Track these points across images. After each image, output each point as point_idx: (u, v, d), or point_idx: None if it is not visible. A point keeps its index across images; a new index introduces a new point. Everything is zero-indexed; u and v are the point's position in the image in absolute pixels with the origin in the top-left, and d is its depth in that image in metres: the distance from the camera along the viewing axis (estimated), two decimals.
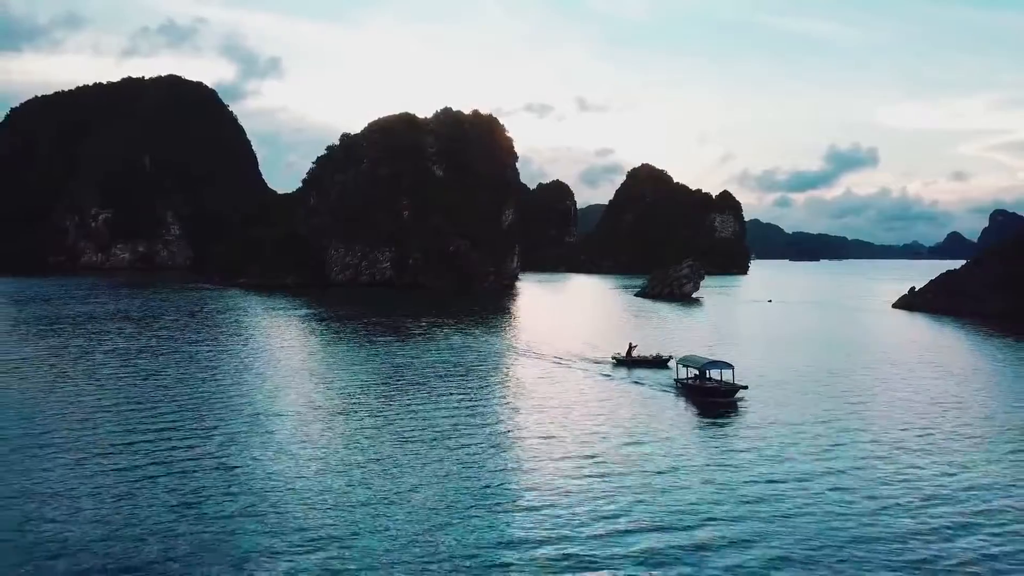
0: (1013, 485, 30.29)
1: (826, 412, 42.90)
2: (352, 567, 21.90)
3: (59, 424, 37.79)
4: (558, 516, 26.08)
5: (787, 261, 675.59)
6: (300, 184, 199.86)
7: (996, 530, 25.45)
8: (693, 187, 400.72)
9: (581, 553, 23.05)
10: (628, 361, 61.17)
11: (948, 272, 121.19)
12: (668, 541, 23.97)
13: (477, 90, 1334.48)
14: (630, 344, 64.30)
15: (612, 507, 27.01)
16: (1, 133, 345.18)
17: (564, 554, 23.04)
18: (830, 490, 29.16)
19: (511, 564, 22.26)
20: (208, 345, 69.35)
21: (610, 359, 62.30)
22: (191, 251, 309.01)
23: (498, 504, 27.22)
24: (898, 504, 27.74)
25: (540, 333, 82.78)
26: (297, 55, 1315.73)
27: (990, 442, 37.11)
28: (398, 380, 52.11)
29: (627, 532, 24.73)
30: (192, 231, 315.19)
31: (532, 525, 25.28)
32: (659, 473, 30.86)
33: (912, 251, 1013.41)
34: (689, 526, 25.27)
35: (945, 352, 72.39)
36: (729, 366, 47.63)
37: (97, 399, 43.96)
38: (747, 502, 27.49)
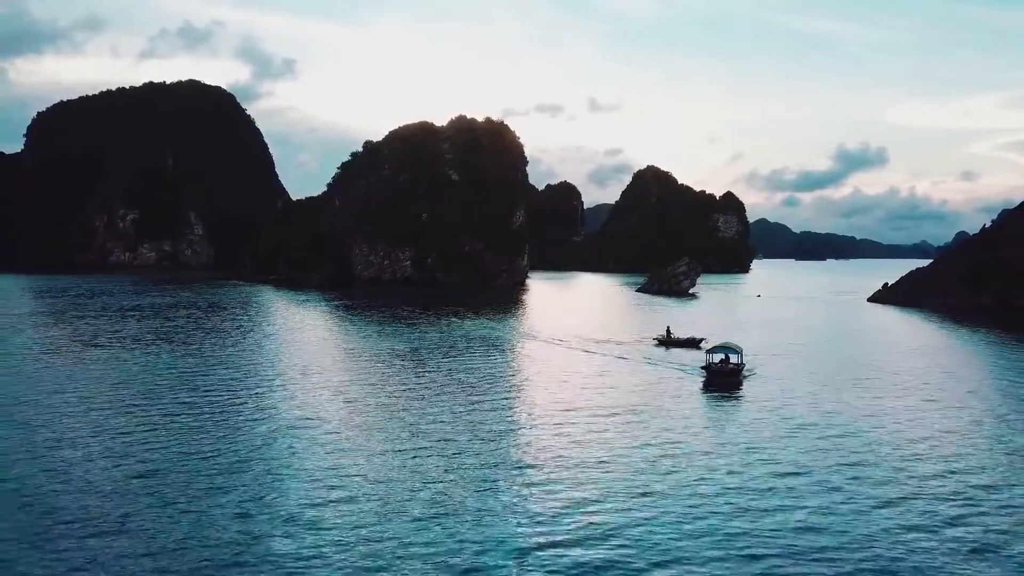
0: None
1: (799, 378, 55.89)
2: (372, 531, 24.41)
3: (161, 390, 51.23)
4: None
5: (793, 260, 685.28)
6: (311, 183, 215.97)
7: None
8: (703, 186, 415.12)
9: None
10: (667, 342, 73.07)
11: (917, 269, 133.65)
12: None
13: (489, 91, 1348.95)
14: (668, 328, 76.99)
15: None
16: (28, 136, 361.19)
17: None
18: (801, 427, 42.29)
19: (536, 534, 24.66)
20: (274, 327, 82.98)
21: (651, 340, 74.49)
22: (213, 250, 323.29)
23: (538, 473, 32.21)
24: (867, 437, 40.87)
25: (556, 322, 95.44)
26: (310, 56, 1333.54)
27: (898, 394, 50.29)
28: (429, 355, 65.37)
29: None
30: (213, 231, 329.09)
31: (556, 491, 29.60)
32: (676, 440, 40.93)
33: (920, 251, 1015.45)
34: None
35: (887, 334, 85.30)
36: (738, 351, 57.09)
37: (205, 361, 57.43)
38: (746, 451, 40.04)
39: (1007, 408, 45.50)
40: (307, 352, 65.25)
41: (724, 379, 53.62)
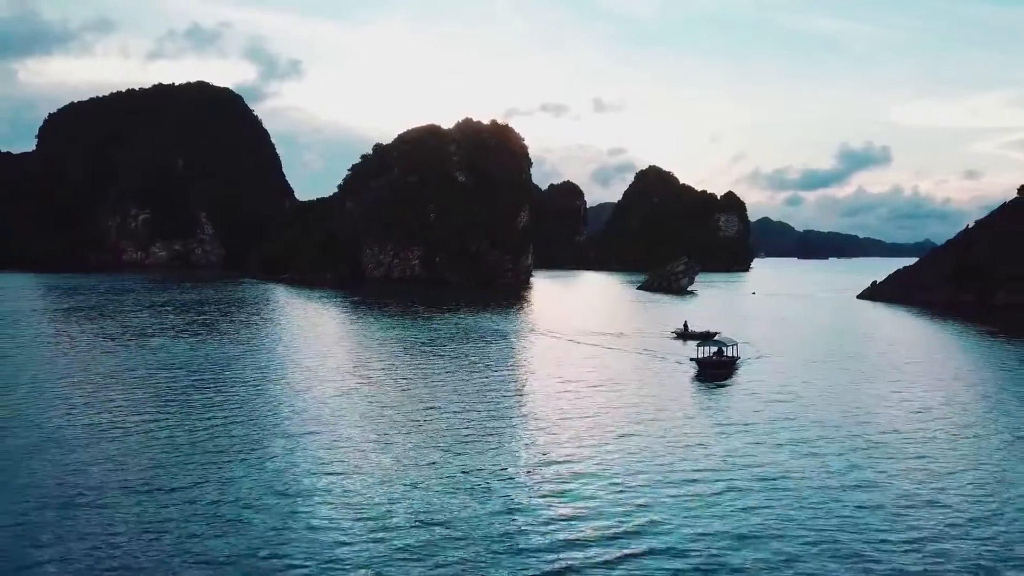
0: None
1: (782, 366, 62.81)
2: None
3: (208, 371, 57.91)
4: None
5: (796, 259, 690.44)
6: (316, 183, 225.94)
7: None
8: (706, 185, 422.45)
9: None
10: (685, 335, 78.22)
11: (904, 267, 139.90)
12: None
13: (493, 91, 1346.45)
14: (685, 322, 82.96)
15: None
16: (39, 137, 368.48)
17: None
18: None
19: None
20: (297, 320, 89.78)
21: (670, 333, 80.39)
22: (224, 250, 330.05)
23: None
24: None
25: (560, 318, 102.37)
26: (315, 57, 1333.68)
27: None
28: (442, 345, 72.01)
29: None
30: (223, 231, 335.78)
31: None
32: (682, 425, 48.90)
33: (924, 249, 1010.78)
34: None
35: (867, 327, 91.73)
36: (729, 344, 62.98)
37: (246, 346, 64.09)
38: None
39: (975, 394, 51.66)
40: (332, 340, 72.25)
41: (714, 370, 59.21)
